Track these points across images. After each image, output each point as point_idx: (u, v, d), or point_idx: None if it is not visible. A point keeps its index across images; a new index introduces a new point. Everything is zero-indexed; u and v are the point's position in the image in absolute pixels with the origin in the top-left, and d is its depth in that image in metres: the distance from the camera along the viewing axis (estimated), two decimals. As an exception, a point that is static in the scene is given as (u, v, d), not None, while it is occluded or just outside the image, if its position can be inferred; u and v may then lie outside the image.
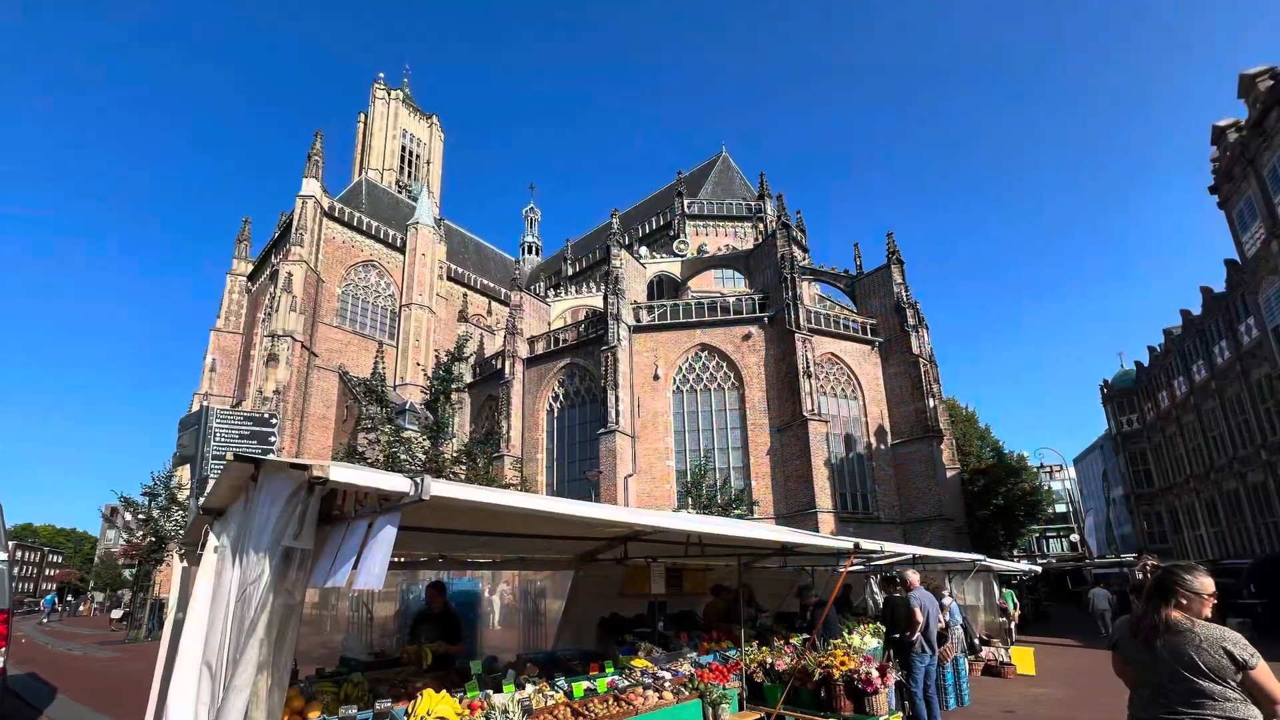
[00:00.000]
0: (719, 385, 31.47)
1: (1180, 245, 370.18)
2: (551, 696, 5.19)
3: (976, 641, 13.60)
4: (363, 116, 70.52)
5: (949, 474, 30.80)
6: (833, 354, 31.42)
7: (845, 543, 6.71)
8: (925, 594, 8.61)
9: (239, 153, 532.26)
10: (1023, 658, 13.43)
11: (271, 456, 3.24)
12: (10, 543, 8.55)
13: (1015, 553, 43.78)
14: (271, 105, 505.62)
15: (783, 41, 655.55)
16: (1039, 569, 22.54)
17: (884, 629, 9.06)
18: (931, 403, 30.02)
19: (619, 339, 30.91)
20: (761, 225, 43.40)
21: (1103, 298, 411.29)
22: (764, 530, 7.80)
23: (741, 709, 6.68)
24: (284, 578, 2.74)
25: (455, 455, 19.20)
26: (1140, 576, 3.13)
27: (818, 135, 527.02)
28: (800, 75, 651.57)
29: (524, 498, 3.48)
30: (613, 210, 44.77)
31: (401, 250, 50.95)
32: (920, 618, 8.18)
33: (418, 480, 2.66)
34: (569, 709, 5.04)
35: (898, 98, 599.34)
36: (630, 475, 29.47)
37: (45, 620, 43.02)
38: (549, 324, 39.35)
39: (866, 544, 6.77)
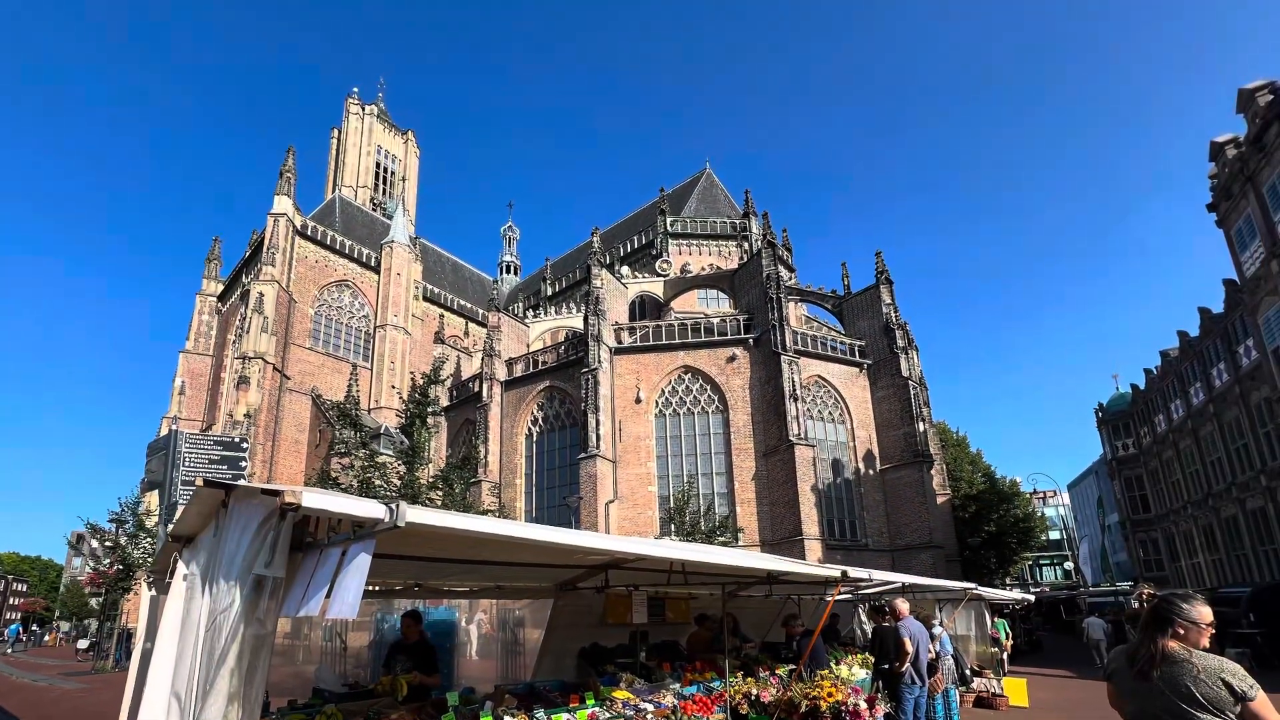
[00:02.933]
0: (703, 409, 31.33)
1: (1178, 265, 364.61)
2: (531, 730, 5.09)
3: (968, 672, 13.46)
4: (336, 132, 70.08)
5: (939, 500, 30.67)
6: (820, 376, 31.38)
7: (833, 570, 6.63)
8: (915, 623, 8.53)
9: (209, 169, 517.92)
10: (1015, 689, 13.33)
11: (242, 482, 3.17)
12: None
13: (1008, 581, 43.77)
14: (242, 120, 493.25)
15: (771, 53, 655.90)
16: (1032, 598, 22.44)
17: (873, 659, 8.95)
18: (921, 427, 29.93)
19: (600, 361, 30.76)
20: (746, 244, 43.40)
21: (1097, 319, 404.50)
22: (749, 558, 7.71)
23: (727, 742, 6.53)
24: (255, 607, 2.69)
25: (431, 480, 18.91)
26: (1136, 605, 3.09)
27: (804, 151, 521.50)
28: (788, 88, 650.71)
29: (502, 524, 3.41)
30: (593, 228, 44.65)
31: (376, 270, 50.36)
32: (910, 648, 8.10)
33: (393, 506, 2.61)
34: (549, 744, 4.92)
35: (889, 112, 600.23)
36: (611, 501, 29.18)
37: (9, 650, 41.73)
38: (528, 345, 39.11)
39: (854, 572, 6.69)
